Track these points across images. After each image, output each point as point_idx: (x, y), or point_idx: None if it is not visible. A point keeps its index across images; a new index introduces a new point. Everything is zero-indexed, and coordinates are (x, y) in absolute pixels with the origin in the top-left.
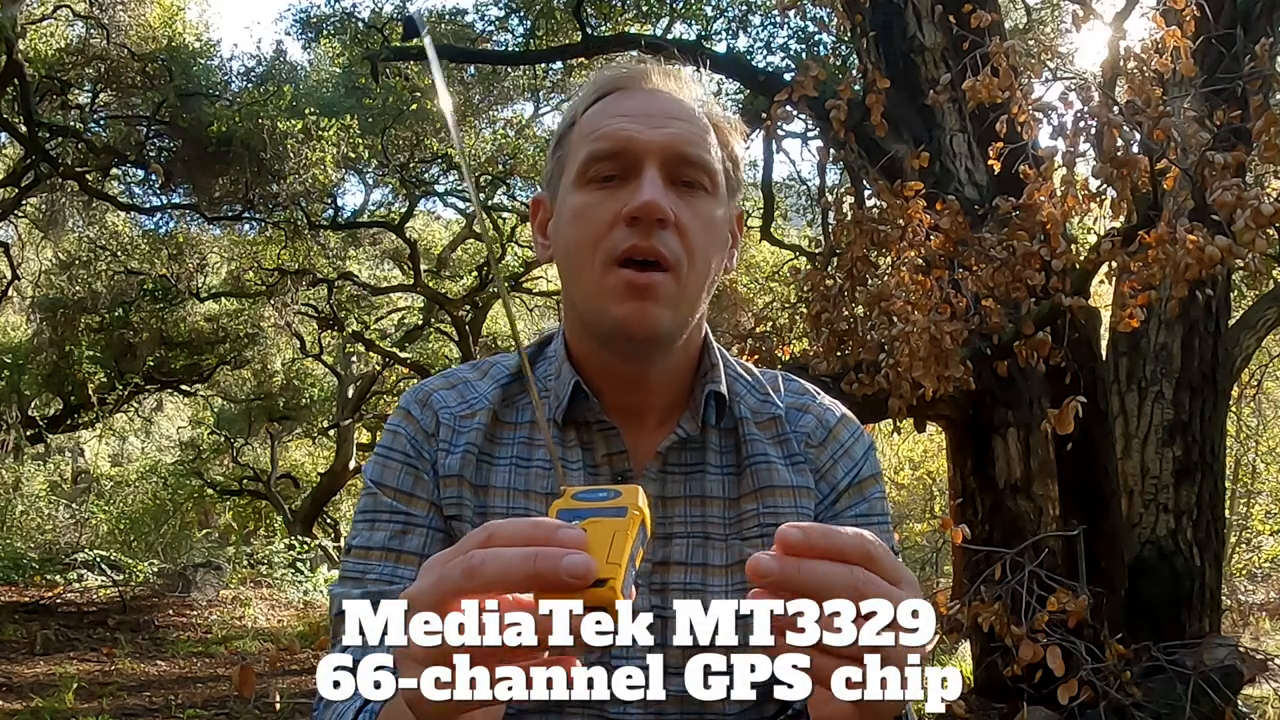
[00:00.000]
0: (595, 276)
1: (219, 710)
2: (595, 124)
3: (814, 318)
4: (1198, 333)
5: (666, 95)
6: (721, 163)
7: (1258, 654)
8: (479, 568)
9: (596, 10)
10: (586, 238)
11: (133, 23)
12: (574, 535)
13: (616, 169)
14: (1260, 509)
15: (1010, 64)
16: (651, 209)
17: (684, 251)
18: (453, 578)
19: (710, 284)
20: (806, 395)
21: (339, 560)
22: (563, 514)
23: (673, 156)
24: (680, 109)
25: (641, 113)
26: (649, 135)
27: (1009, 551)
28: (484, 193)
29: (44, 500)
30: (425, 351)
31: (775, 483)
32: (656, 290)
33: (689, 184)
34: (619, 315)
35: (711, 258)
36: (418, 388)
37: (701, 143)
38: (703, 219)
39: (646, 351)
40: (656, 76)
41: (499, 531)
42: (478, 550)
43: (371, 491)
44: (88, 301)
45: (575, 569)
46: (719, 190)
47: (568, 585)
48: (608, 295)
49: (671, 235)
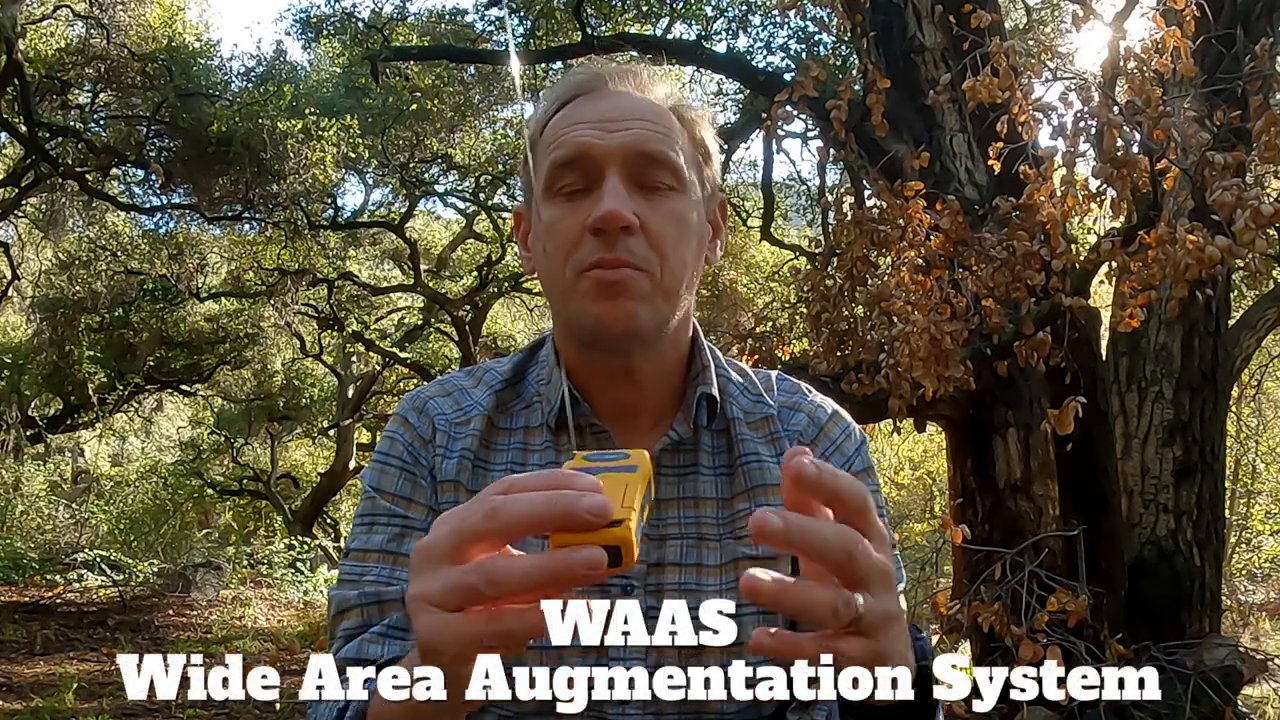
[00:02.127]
0: (569, 283)
1: (219, 710)
2: (556, 134)
3: (814, 318)
4: (1198, 333)
5: (627, 96)
6: (689, 156)
7: (1258, 654)
8: (501, 508)
9: (596, 10)
10: (557, 252)
11: (133, 23)
12: (590, 481)
13: (579, 178)
14: (1260, 509)
15: (1010, 64)
16: (613, 219)
17: (654, 254)
18: (474, 521)
19: (691, 279)
20: (798, 394)
21: (338, 561)
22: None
23: (633, 158)
24: (640, 108)
25: (600, 118)
26: (607, 140)
27: (1009, 551)
28: (484, 193)
29: (44, 500)
30: (425, 351)
31: (768, 482)
32: (628, 286)
33: (655, 183)
34: (596, 313)
35: (685, 255)
36: (414, 395)
37: (664, 139)
38: (672, 218)
39: (628, 347)
40: (615, 78)
41: (518, 481)
42: (497, 496)
43: (370, 496)
44: (88, 301)
45: (594, 508)
46: (687, 186)
47: (587, 524)
48: (584, 298)
49: (638, 241)
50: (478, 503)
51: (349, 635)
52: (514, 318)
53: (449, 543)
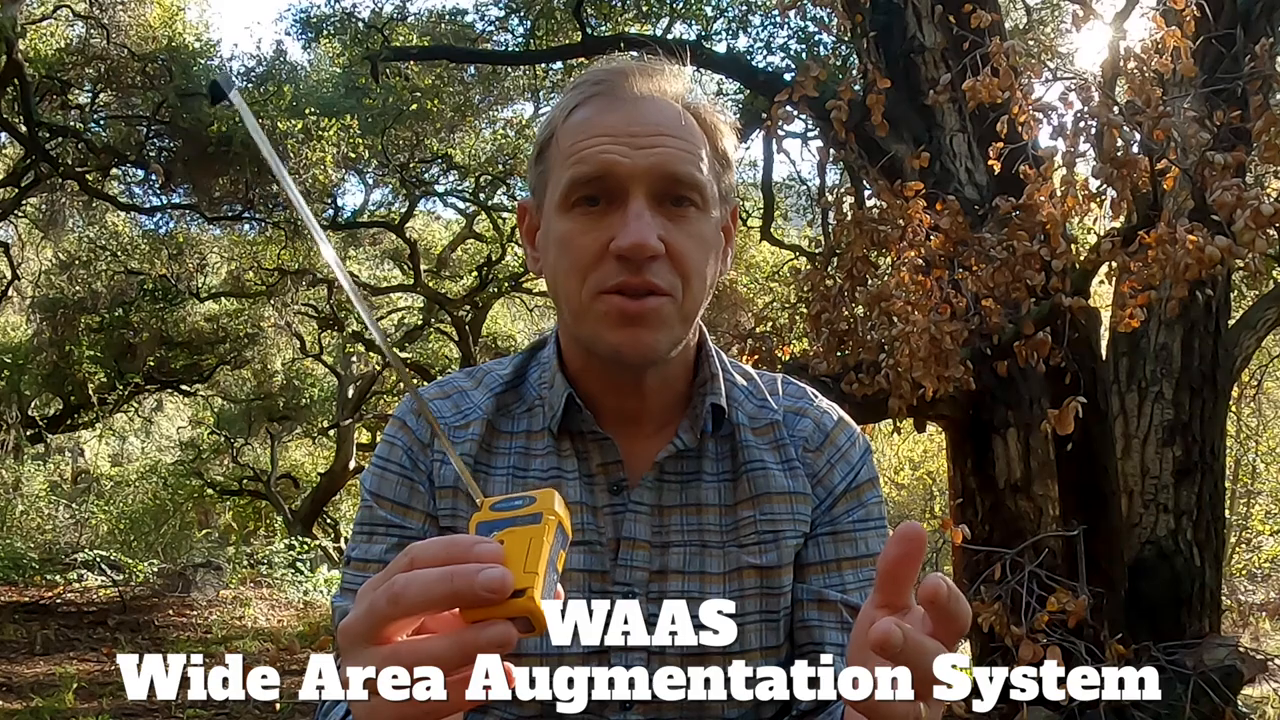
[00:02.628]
0: (585, 303)
1: (219, 710)
2: (576, 142)
3: (814, 318)
4: (1198, 333)
5: (650, 103)
6: (712, 168)
7: (1258, 654)
8: (401, 593)
9: (596, 10)
10: (573, 268)
11: (133, 23)
12: (490, 550)
13: (600, 194)
14: (1260, 509)
15: (1010, 64)
16: (640, 249)
17: (679, 278)
18: (380, 606)
19: (708, 297)
20: (804, 399)
21: (339, 563)
22: (481, 526)
23: (660, 179)
24: (665, 120)
25: (624, 131)
26: (633, 159)
27: (1009, 551)
28: (484, 193)
29: (44, 500)
30: (425, 351)
31: (772, 489)
32: (651, 317)
33: (678, 201)
34: (614, 342)
35: (708, 275)
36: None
37: (690, 159)
38: (696, 239)
39: (642, 371)
40: (637, 78)
41: (419, 554)
42: (400, 575)
43: (369, 504)
44: (88, 301)
45: (490, 584)
46: (710, 204)
47: (486, 600)
48: (601, 321)
49: (664, 265)
50: (385, 582)
51: None
52: (514, 318)
53: (365, 625)
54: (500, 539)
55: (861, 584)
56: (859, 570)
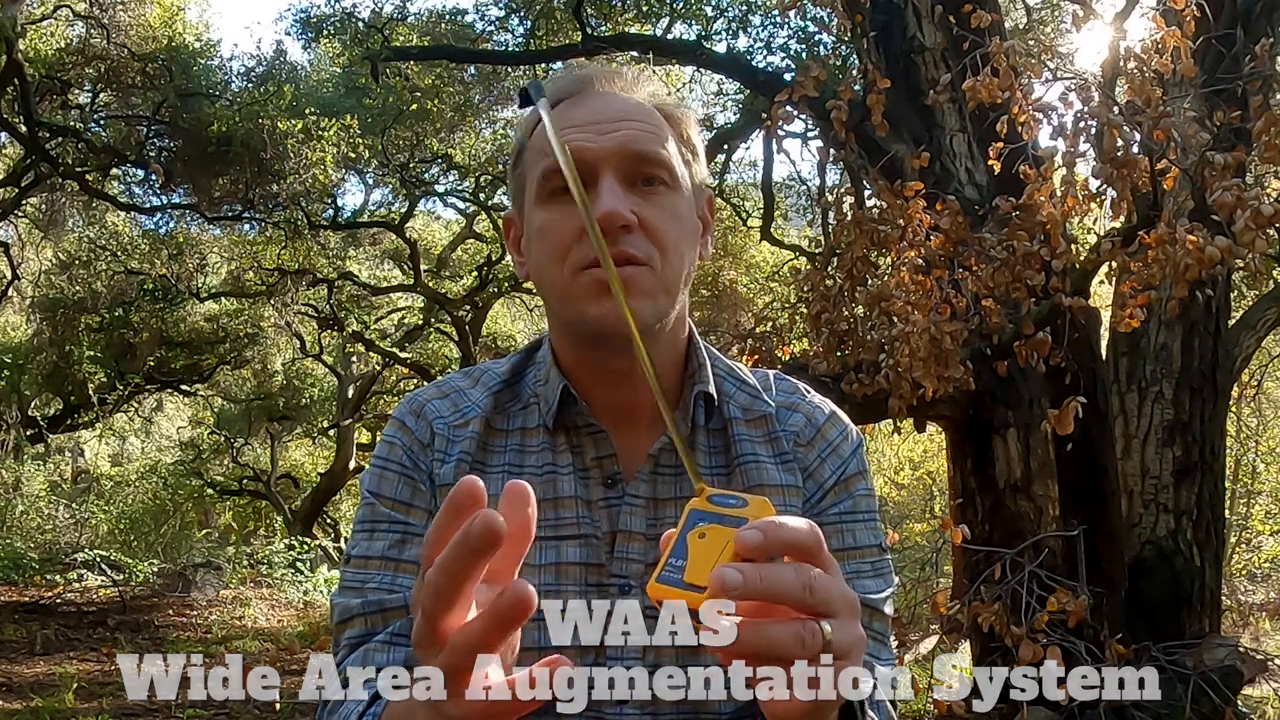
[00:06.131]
0: (567, 281)
1: (219, 710)
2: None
3: (814, 318)
4: (1198, 333)
5: (614, 97)
6: (679, 154)
7: (1258, 654)
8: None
9: (596, 10)
10: (553, 252)
11: (133, 23)
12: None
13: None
14: (1260, 509)
15: (1010, 64)
16: (612, 218)
17: (654, 248)
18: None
19: (687, 275)
20: (796, 394)
21: (339, 564)
22: (693, 514)
23: (627, 158)
24: (629, 108)
25: (589, 121)
26: (600, 143)
27: (1009, 551)
28: (484, 193)
29: (44, 500)
30: (425, 351)
31: (765, 482)
32: (630, 286)
33: (649, 181)
34: (597, 314)
35: (684, 249)
36: (411, 397)
37: (655, 138)
38: (669, 213)
39: (628, 346)
40: (601, 80)
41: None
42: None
43: (369, 502)
44: (88, 301)
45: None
46: (679, 182)
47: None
48: (582, 297)
49: (639, 236)
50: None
51: (353, 644)
52: (514, 318)
53: (425, 632)
54: (703, 532)
55: (849, 576)
56: (845, 563)
